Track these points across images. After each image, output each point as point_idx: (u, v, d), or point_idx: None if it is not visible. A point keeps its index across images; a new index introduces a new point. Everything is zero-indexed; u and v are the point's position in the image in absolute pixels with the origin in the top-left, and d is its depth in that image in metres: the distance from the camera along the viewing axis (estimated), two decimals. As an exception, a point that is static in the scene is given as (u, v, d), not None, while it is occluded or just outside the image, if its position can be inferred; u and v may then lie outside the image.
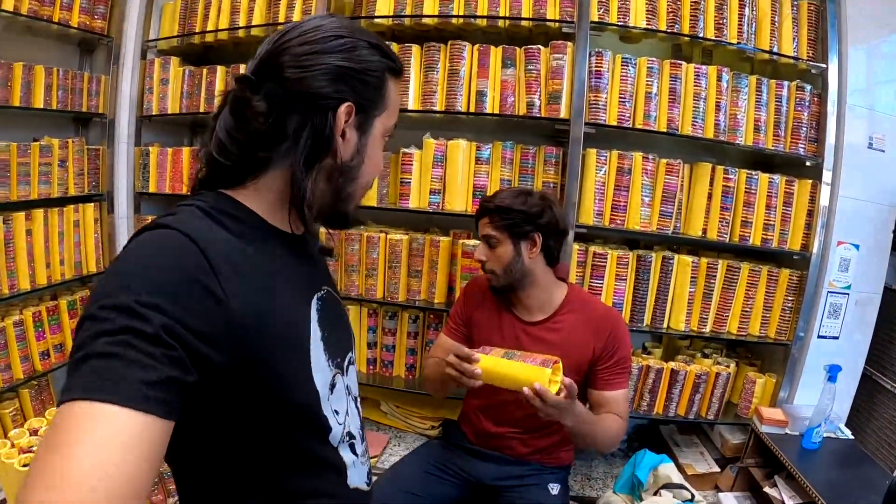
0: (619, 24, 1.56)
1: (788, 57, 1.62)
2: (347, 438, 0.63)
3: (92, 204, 1.92)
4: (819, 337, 1.65)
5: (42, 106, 1.73)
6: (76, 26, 1.81)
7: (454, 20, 1.60)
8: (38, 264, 1.73)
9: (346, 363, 0.65)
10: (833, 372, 1.45)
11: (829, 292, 1.63)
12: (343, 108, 0.55)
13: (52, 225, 1.77)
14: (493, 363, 1.00)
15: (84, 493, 0.35)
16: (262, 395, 0.52)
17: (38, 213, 1.72)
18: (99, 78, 1.93)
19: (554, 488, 1.22)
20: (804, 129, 1.62)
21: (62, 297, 1.81)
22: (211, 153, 0.57)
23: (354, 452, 0.64)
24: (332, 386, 0.60)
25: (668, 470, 1.47)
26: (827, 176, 1.60)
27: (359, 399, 0.70)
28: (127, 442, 0.38)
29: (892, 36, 1.62)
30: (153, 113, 1.93)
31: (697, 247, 1.75)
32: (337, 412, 0.60)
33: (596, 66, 1.54)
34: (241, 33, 1.81)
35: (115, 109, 1.92)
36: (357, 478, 0.64)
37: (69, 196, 1.83)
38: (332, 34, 0.56)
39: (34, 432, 1.48)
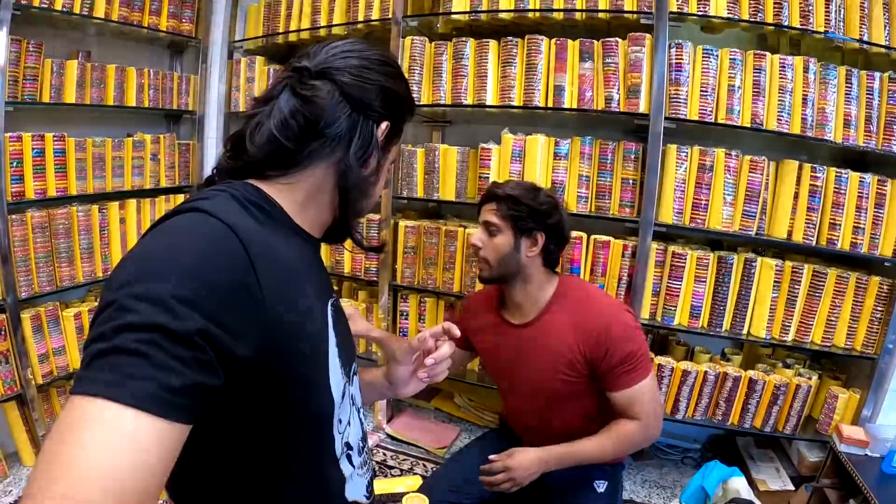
0: (700, 13, 1.51)
1: (880, 46, 1.53)
2: (345, 449, 0.61)
3: (182, 194, 2.05)
4: (910, 351, 1.52)
5: (135, 104, 1.87)
6: (165, 30, 1.95)
7: (531, 14, 1.61)
8: (130, 251, 1.87)
9: (352, 372, 0.64)
10: (924, 391, 1.35)
11: (923, 303, 1.51)
12: (385, 125, 0.58)
13: (144, 214, 1.90)
14: None
15: (95, 494, 0.33)
16: (284, 399, 0.50)
17: (132, 203, 1.85)
18: (188, 77, 2.08)
19: (600, 486, 1.17)
20: (899, 123, 1.52)
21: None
22: (242, 140, 0.55)
23: (352, 464, 0.62)
24: (343, 395, 0.59)
25: (739, 484, 1.40)
26: (925, 175, 1.49)
27: (362, 410, 0.68)
28: (144, 447, 0.36)
29: None
30: (240, 109, 2.04)
31: (782, 250, 1.67)
32: (340, 421, 0.59)
33: (676, 59, 1.50)
34: (322, 32, 1.89)
35: (203, 107, 2.06)
36: (355, 491, 0.63)
37: (161, 188, 1.97)
38: (379, 59, 0.59)
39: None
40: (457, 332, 0.72)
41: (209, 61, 2.06)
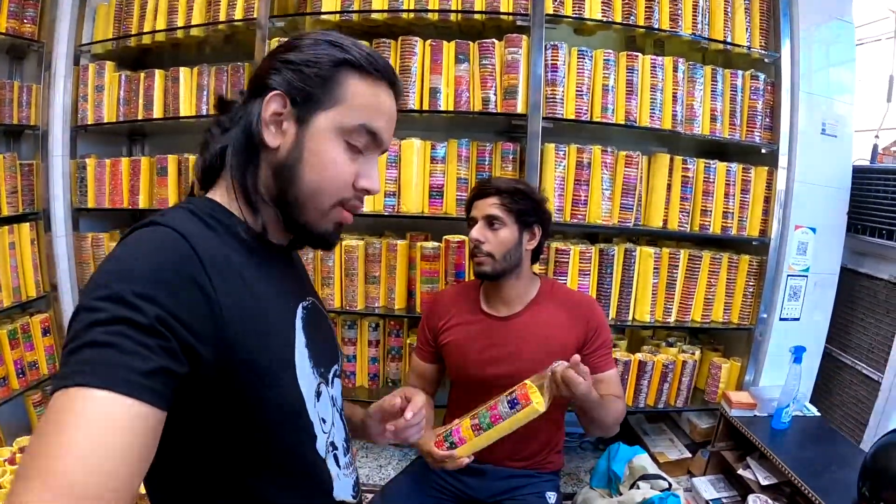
0: (575, 16, 1.54)
1: (742, 47, 1.64)
2: (331, 448, 0.63)
3: (27, 223, 1.79)
4: (781, 319, 1.69)
5: None
6: (4, 31, 1.69)
7: (404, 15, 1.55)
8: (-28, 291, 1.61)
9: (330, 374, 0.65)
10: (798, 353, 1.49)
11: (788, 276, 1.67)
12: (270, 96, 0.56)
13: None
14: (473, 445, 0.98)
15: (79, 474, 0.36)
16: (246, 394, 0.52)
17: None
18: (30, 87, 1.81)
19: (551, 497, 1.18)
20: (759, 117, 1.65)
21: (1, 326, 1.69)
22: (204, 161, 0.60)
23: (338, 464, 0.64)
24: (318, 394, 0.60)
25: (643, 461, 1.47)
26: (783, 162, 1.63)
27: (343, 413, 0.70)
28: (121, 427, 0.39)
29: (834, 22, 1.66)
30: (88, 122, 1.80)
31: (656, 237, 1.76)
32: (324, 420, 0.61)
33: (552, 60, 1.52)
34: (179, 34, 1.71)
35: (47, 120, 1.80)
36: (342, 490, 0.64)
37: (2, 216, 1.71)
38: (298, 36, 0.59)
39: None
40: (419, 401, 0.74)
41: (53, 68, 1.79)
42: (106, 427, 0.38)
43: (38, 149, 1.81)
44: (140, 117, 1.74)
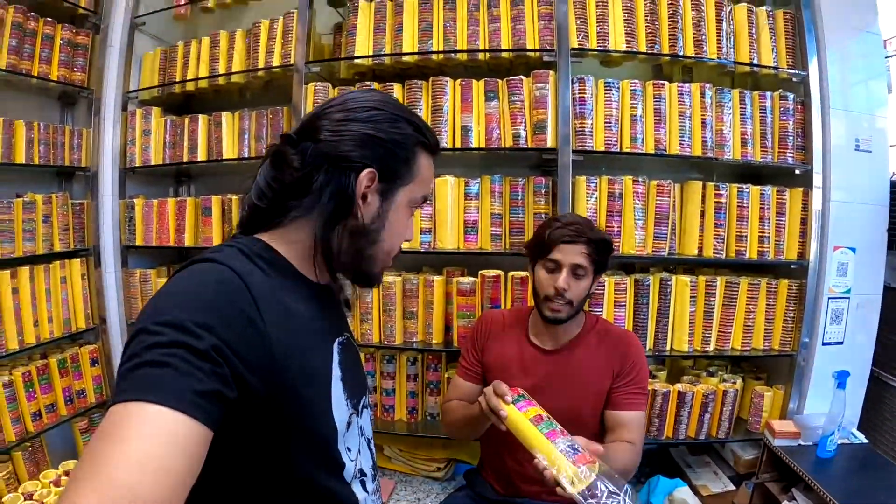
0: (600, 48, 1.56)
1: (769, 67, 1.63)
2: (359, 475, 0.66)
3: (78, 259, 1.89)
4: (824, 344, 1.63)
5: (24, 161, 1.72)
6: (56, 80, 1.81)
7: (434, 56, 1.60)
8: (25, 323, 1.69)
9: (360, 405, 0.69)
10: (842, 378, 1.44)
11: (829, 298, 1.62)
12: (365, 174, 0.60)
13: (38, 282, 1.74)
14: (520, 423, 0.91)
15: (133, 481, 0.38)
16: (288, 424, 0.55)
17: (24, 271, 1.69)
18: (80, 131, 1.92)
19: None
20: (790, 137, 1.63)
21: (52, 355, 1.78)
22: (252, 200, 0.64)
23: (366, 489, 0.67)
24: (349, 424, 0.64)
25: (684, 494, 1.44)
26: (817, 181, 1.60)
27: (372, 441, 0.73)
28: (174, 440, 0.41)
29: (861, 35, 1.64)
30: (136, 165, 1.91)
31: (692, 265, 1.73)
32: (349, 449, 0.64)
33: (579, 93, 1.54)
34: (221, 80, 1.80)
35: (98, 162, 1.90)
36: None
37: (55, 252, 1.81)
38: (368, 105, 0.62)
39: (28, 496, 1.44)
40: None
41: (102, 113, 1.90)
42: (160, 440, 0.40)
43: (88, 189, 1.92)
44: (185, 160, 1.83)
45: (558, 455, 0.83)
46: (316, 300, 0.64)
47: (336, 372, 0.62)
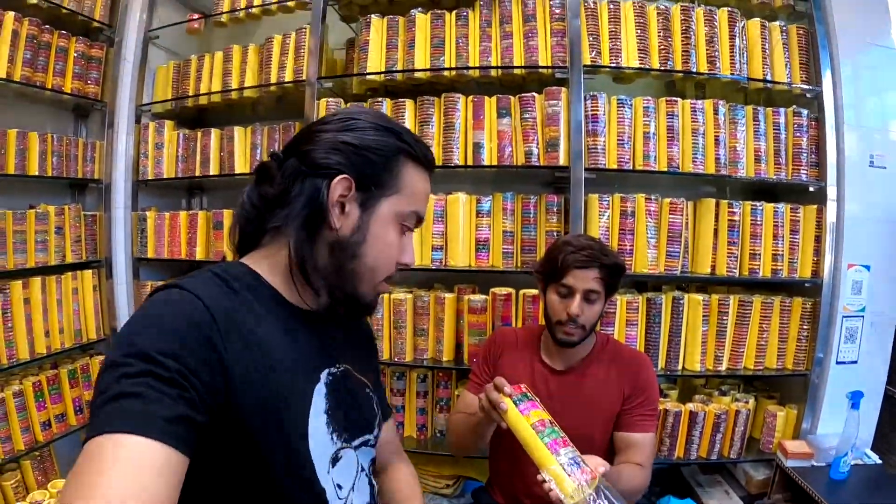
0: (613, 65, 1.55)
1: (782, 83, 1.62)
2: None
3: (90, 270, 1.90)
4: (838, 363, 1.61)
5: (37, 173, 1.74)
6: (69, 92, 1.83)
7: (446, 72, 1.60)
8: (36, 333, 1.71)
9: (357, 441, 0.65)
10: (856, 398, 1.42)
11: (843, 317, 1.60)
12: (338, 180, 0.58)
13: (50, 293, 1.75)
14: (520, 427, 0.86)
15: None
16: (253, 453, 0.53)
17: (36, 282, 1.70)
18: (94, 143, 1.94)
19: None
20: (804, 154, 1.62)
21: (62, 365, 1.79)
22: (237, 220, 0.63)
23: None
24: (335, 460, 0.61)
25: (695, 514, 1.42)
26: (831, 197, 1.59)
27: (373, 478, 0.69)
28: (151, 469, 0.42)
29: (874, 50, 1.62)
30: (149, 177, 1.92)
31: (704, 283, 1.72)
32: (340, 486, 0.61)
33: (592, 110, 1.53)
34: (233, 95, 1.81)
35: (110, 175, 1.92)
36: None
37: (67, 263, 1.82)
38: (348, 116, 0.61)
39: (38, 504, 1.44)
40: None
41: (116, 126, 1.92)
42: (137, 469, 0.41)
43: (101, 201, 1.94)
44: (197, 174, 1.84)
45: (557, 466, 0.81)
46: (303, 328, 0.61)
47: (319, 404, 0.59)
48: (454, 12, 1.63)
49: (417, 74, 1.61)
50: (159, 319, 0.51)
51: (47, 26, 1.74)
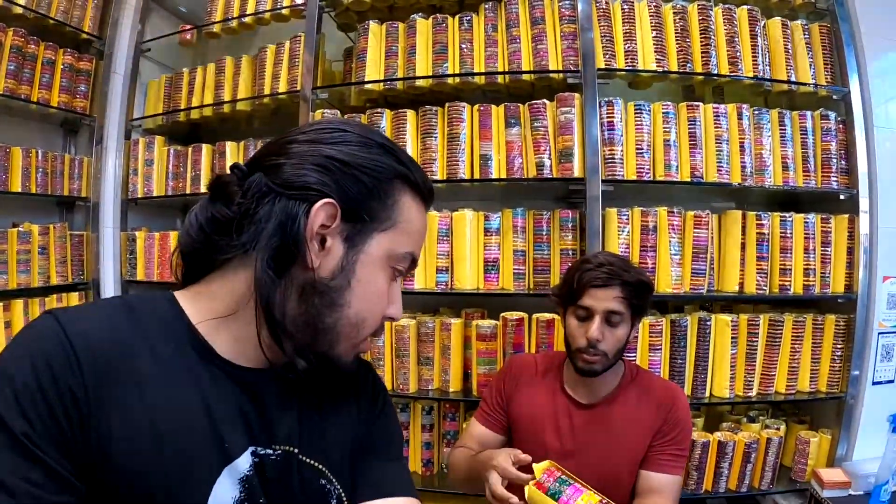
0: (629, 68, 1.47)
1: (807, 84, 1.54)
2: None
3: (76, 293, 1.84)
4: (874, 384, 1.51)
5: (20, 190, 1.68)
6: (56, 106, 1.78)
7: (450, 80, 1.51)
8: (19, 360, 1.63)
9: None
10: (896, 421, 1.33)
11: (879, 333, 1.51)
12: (321, 205, 0.45)
13: (32, 315, 1.68)
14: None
15: None
16: None
17: (18, 304, 1.65)
18: (81, 160, 1.88)
19: None
20: (833, 159, 1.53)
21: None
22: (179, 247, 0.51)
23: None
24: None
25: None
26: (864, 206, 1.49)
27: None
28: None
29: None
30: (138, 196, 1.85)
31: (729, 302, 1.62)
32: None
33: (607, 117, 1.44)
34: (226, 108, 1.75)
35: (99, 192, 1.86)
36: None
37: (51, 285, 1.76)
38: (335, 127, 0.49)
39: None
40: None
41: (105, 142, 1.85)
42: None
43: (89, 220, 1.87)
44: (188, 192, 1.77)
45: None
46: (228, 388, 0.47)
47: (226, 490, 0.45)
48: (457, 17, 1.55)
49: (419, 83, 1.52)
50: (13, 360, 0.41)
51: (33, 37, 1.69)
